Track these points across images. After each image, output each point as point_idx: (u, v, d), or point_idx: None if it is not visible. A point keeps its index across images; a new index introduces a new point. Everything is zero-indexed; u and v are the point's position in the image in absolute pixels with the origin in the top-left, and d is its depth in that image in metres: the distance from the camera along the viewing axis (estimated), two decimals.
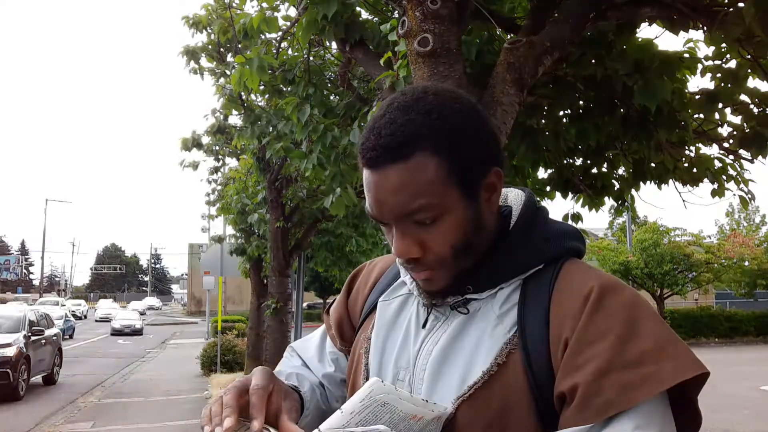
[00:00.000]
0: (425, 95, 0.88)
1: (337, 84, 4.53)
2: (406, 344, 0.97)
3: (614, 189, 4.37)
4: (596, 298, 0.83)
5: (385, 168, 0.85)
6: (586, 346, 0.80)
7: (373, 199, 0.88)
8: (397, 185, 0.85)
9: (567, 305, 0.85)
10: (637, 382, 0.76)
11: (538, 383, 0.83)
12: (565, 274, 0.89)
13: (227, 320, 21.30)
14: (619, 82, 3.33)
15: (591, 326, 0.81)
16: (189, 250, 47.37)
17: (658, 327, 0.81)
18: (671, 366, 0.77)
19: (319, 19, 3.33)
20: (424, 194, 0.84)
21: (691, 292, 24.13)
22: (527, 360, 0.84)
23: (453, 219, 0.87)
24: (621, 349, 0.78)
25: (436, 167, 0.84)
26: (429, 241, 0.88)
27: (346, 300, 1.14)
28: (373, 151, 0.86)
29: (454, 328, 0.92)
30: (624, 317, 0.81)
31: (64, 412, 10.01)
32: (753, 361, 16.82)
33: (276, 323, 8.76)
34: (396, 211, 0.86)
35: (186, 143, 8.69)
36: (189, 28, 6.52)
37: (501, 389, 0.84)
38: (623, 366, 0.77)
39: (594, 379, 0.77)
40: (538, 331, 0.85)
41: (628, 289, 0.86)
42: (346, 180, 4.00)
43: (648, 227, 22.31)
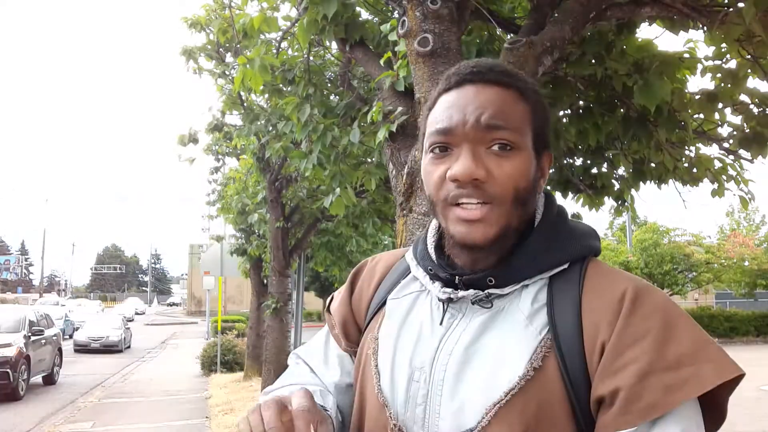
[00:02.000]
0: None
1: (337, 84, 4.53)
2: (420, 343, 0.92)
3: (614, 189, 4.37)
4: (631, 300, 0.82)
5: (484, 84, 0.89)
6: (625, 348, 0.79)
7: (460, 110, 0.88)
8: (495, 99, 0.87)
9: (600, 307, 0.84)
10: (678, 384, 0.76)
11: (574, 387, 0.82)
12: (592, 275, 0.88)
13: (227, 320, 21.32)
14: (619, 82, 3.33)
15: (628, 329, 0.80)
16: (189, 250, 47.37)
17: (693, 328, 0.81)
18: (710, 368, 0.77)
19: (319, 19, 3.33)
20: (514, 119, 0.87)
21: (691, 292, 24.15)
22: (563, 363, 0.82)
23: (523, 160, 0.87)
24: (661, 351, 0.78)
25: (524, 109, 0.89)
26: (498, 169, 0.86)
27: (350, 298, 1.10)
28: (474, 68, 0.90)
29: (478, 326, 0.89)
30: (660, 319, 0.81)
31: (64, 412, 10.01)
32: (753, 361, 16.83)
33: (276, 323, 8.76)
34: (486, 119, 0.86)
35: (182, 139, 8.68)
36: (188, 27, 6.52)
37: (538, 394, 0.82)
38: (664, 368, 0.77)
39: (636, 381, 0.77)
40: (571, 333, 0.84)
41: (658, 290, 0.86)
42: (346, 180, 4.00)
43: (648, 227, 22.32)
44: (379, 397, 0.93)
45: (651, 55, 3.30)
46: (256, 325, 12.25)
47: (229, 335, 15.45)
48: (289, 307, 9.03)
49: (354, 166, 4.33)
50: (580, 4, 2.94)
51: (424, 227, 2.58)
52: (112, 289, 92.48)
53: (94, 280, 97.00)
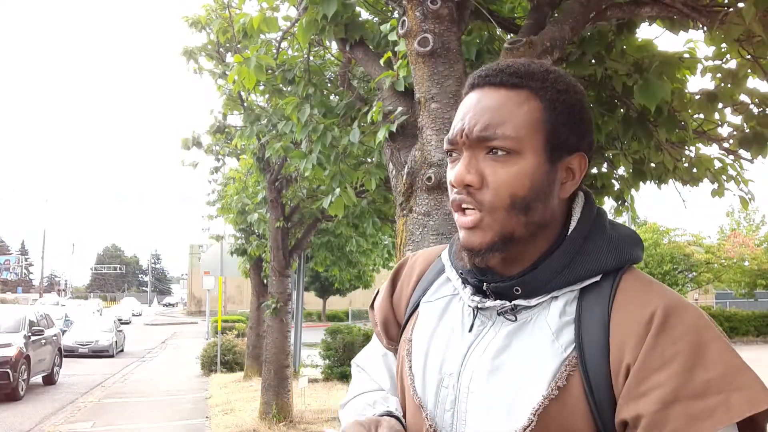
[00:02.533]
0: (548, 65, 0.92)
1: (337, 84, 4.53)
2: (450, 349, 0.92)
3: (614, 189, 4.36)
4: (661, 322, 0.79)
5: (490, 88, 0.88)
6: (651, 373, 0.77)
7: (461, 118, 0.89)
8: (493, 105, 0.86)
9: (628, 326, 0.80)
10: (704, 414, 0.73)
11: (599, 407, 0.80)
12: (625, 289, 0.84)
13: (227, 320, 21.31)
14: (619, 82, 3.33)
15: (655, 352, 0.77)
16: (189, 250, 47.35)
17: (725, 352, 0.77)
18: (740, 397, 0.74)
19: (319, 19, 3.33)
20: (512, 124, 0.85)
21: (691, 292, 24.14)
22: (588, 383, 0.80)
23: (524, 166, 0.85)
24: (687, 378, 0.75)
25: (535, 109, 0.86)
26: (492, 176, 0.85)
27: (391, 296, 1.11)
28: (486, 72, 0.90)
29: (505, 336, 0.87)
30: (689, 342, 0.77)
31: (64, 412, 10.01)
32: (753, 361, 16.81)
33: (276, 323, 8.75)
34: (479, 129, 0.85)
35: (186, 143, 8.69)
36: (188, 27, 6.51)
37: (561, 414, 0.80)
38: (690, 396, 0.74)
39: (659, 409, 0.74)
40: (598, 351, 0.81)
41: (691, 309, 0.81)
42: (346, 180, 4.00)
43: (648, 227, 22.32)
44: (414, 399, 0.95)
45: (651, 55, 3.30)
46: (256, 325, 12.24)
47: (229, 335, 15.45)
48: (289, 307, 9.02)
49: (354, 166, 4.33)
50: (580, 4, 2.94)
51: (425, 227, 2.59)
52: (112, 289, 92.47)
53: (94, 280, 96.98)
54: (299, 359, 12.77)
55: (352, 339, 12.36)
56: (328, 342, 12.52)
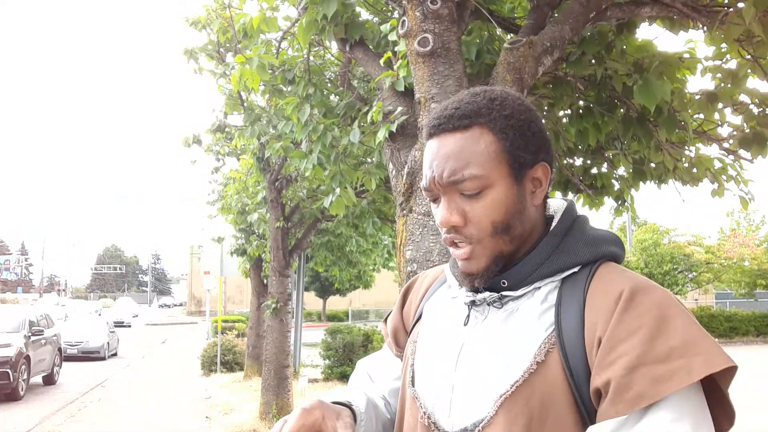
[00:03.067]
0: (492, 89, 1.01)
1: (337, 84, 4.53)
2: (449, 343, 1.02)
3: (614, 189, 4.36)
4: (627, 298, 0.87)
5: (445, 135, 0.96)
6: (618, 343, 0.85)
7: (428, 167, 0.98)
8: (453, 151, 0.94)
9: (600, 306, 0.89)
10: (666, 376, 0.80)
11: (576, 380, 0.88)
12: (599, 277, 0.94)
13: (227, 320, 21.30)
14: (619, 82, 3.33)
15: (622, 324, 0.86)
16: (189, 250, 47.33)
17: (687, 323, 0.85)
18: (700, 360, 0.81)
19: (319, 19, 3.33)
20: (474, 163, 0.93)
21: (691, 292, 24.14)
22: (565, 358, 0.89)
23: (497, 195, 0.94)
24: (651, 345, 0.83)
25: (490, 142, 0.94)
26: (471, 212, 0.95)
27: (401, 310, 1.22)
28: (438, 120, 0.98)
29: (493, 326, 0.97)
30: (654, 315, 0.85)
31: (64, 412, 10.01)
32: (753, 361, 16.82)
33: (276, 323, 8.75)
34: (446, 177, 0.94)
35: (186, 141, 8.69)
36: (189, 27, 6.51)
37: (541, 386, 0.89)
38: (653, 360, 0.82)
39: (625, 373, 0.82)
40: (574, 330, 0.90)
41: (659, 289, 0.89)
42: (346, 180, 4.00)
43: (648, 227, 22.32)
44: (410, 392, 1.05)
45: (651, 55, 3.30)
46: (256, 325, 12.24)
47: (229, 335, 15.45)
48: (289, 307, 9.02)
49: (354, 166, 4.33)
50: (580, 4, 2.94)
51: (424, 227, 2.59)
52: (112, 289, 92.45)
53: (94, 280, 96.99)
54: (299, 359, 12.77)
55: (352, 339, 12.35)
56: (328, 342, 12.51)
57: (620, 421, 0.82)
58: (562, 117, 4.05)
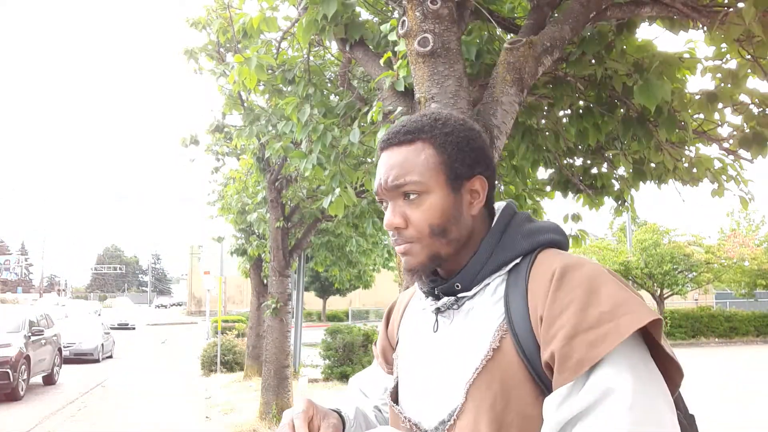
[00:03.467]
0: (440, 111, 1.13)
1: (337, 84, 4.53)
2: (423, 350, 1.13)
3: (614, 189, 4.36)
4: (558, 277, 0.97)
5: (393, 148, 1.09)
6: (555, 318, 0.94)
7: (378, 174, 1.10)
8: (398, 160, 1.07)
9: (538, 288, 0.99)
10: (600, 339, 0.89)
11: (529, 359, 0.97)
12: (537, 263, 1.03)
13: (227, 320, 21.29)
14: (619, 81, 3.33)
15: (556, 301, 0.95)
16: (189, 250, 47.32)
17: (614, 290, 0.93)
18: (627, 319, 0.89)
19: (319, 19, 3.33)
20: (416, 171, 1.05)
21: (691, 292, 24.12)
22: (517, 341, 0.98)
23: (434, 201, 1.06)
24: (583, 315, 0.91)
25: (431, 154, 1.06)
26: (412, 215, 1.06)
27: (386, 330, 1.32)
28: (387, 136, 1.11)
29: (454, 327, 1.08)
30: (583, 288, 0.94)
31: (64, 412, 10.02)
32: (753, 361, 16.82)
33: (276, 323, 8.75)
34: (390, 182, 1.07)
35: (184, 141, 8.68)
36: (189, 27, 6.51)
37: (499, 369, 0.98)
38: (587, 328, 0.90)
39: (565, 344, 0.91)
40: (521, 314, 0.99)
41: (588, 265, 0.98)
42: (346, 180, 4.00)
43: (648, 227, 22.31)
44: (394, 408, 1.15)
45: (651, 55, 3.30)
46: (256, 325, 12.23)
47: (229, 335, 15.44)
48: (289, 307, 9.02)
49: (354, 166, 4.32)
50: (580, 4, 2.94)
51: None
52: (112, 289, 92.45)
53: (94, 280, 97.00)
54: (299, 359, 12.77)
55: (352, 339, 12.35)
56: (328, 342, 12.51)
57: (569, 387, 0.90)
58: (562, 117, 4.05)
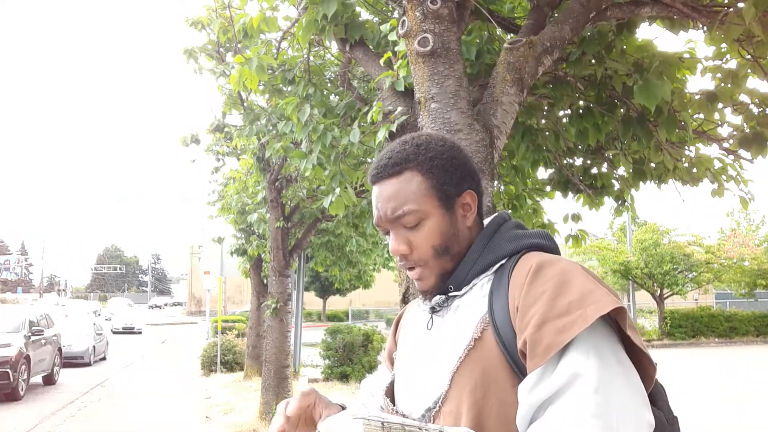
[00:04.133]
0: (419, 135, 1.21)
1: (337, 84, 4.52)
2: (418, 346, 1.21)
3: (614, 189, 4.36)
4: (534, 271, 1.04)
5: (383, 182, 1.16)
6: (528, 308, 1.01)
7: (375, 209, 1.17)
8: (390, 194, 1.15)
9: (517, 282, 1.07)
10: (568, 326, 0.96)
11: (507, 348, 1.04)
12: (520, 262, 1.10)
13: (227, 320, 21.28)
14: (619, 82, 3.33)
15: (530, 292, 1.02)
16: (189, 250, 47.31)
17: (584, 282, 1.01)
18: (593, 307, 0.96)
19: (319, 19, 3.33)
20: (410, 201, 1.13)
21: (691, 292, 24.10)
22: (497, 332, 1.06)
23: (432, 224, 1.14)
24: (553, 304, 0.99)
25: (420, 182, 1.14)
26: (414, 241, 1.15)
27: (395, 335, 1.39)
28: (377, 170, 1.18)
29: (446, 323, 1.16)
30: (555, 281, 1.01)
31: (64, 412, 10.01)
32: (753, 361, 16.81)
33: (276, 323, 8.75)
34: (389, 215, 1.14)
35: (185, 140, 8.67)
36: (189, 27, 6.51)
37: (480, 358, 1.06)
38: (556, 316, 0.97)
39: (535, 330, 0.98)
40: (502, 308, 1.07)
41: (563, 261, 1.06)
42: (346, 180, 4.00)
43: (648, 227, 22.30)
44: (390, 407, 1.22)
45: (651, 55, 3.30)
46: (256, 325, 12.23)
47: (229, 335, 15.44)
48: (289, 307, 9.01)
49: (354, 166, 4.33)
50: (580, 4, 2.94)
51: None
52: (112, 289, 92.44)
53: (94, 280, 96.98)
54: (299, 359, 12.77)
55: (352, 339, 12.35)
56: (328, 342, 12.51)
57: (539, 372, 0.96)
58: (562, 117, 4.05)
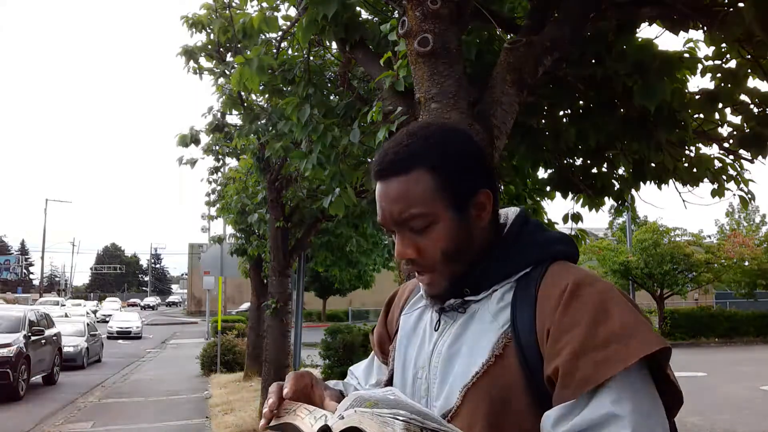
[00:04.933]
0: (428, 126, 1.08)
1: (337, 84, 4.53)
2: (422, 347, 1.11)
3: (614, 189, 4.36)
4: (571, 291, 0.95)
5: (389, 180, 1.04)
6: (563, 333, 0.92)
7: (379, 207, 1.06)
8: (396, 194, 1.03)
9: (548, 300, 0.97)
10: (606, 360, 0.87)
11: (531, 370, 0.95)
12: (549, 275, 1.01)
13: (227, 320, 21.28)
14: (619, 82, 3.33)
15: (566, 316, 0.93)
16: (189, 250, 47.30)
17: (625, 312, 0.92)
18: (636, 343, 0.88)
19: (319, 19, 3.33)
20: (418, 203, 1.02)
21: (691, 292, 24.11)
22: (520, 350, 0.96)
23: (443, 227, 1.03)
24: (592, 333, 0.90)
25: (429, 181, 1.02)
26: (423, 245, 1.04)
27: (385, 319, 1.30)
28: (380, 165, 1.05)
29: (458, 328, 1.06)
30: (594, 305, 0.93)
31: (64, 412, 10.02)
32: (753, 361, 16.82)
33: (276, 323, 8.74)
34: (395, 217, 1.04)
35: (184, 139, 8.64)
36: (188, 28, 6.50)
37: (499, 377, 0.97)
38: (594, 347, 0.89)
39: (570, 360, 0.89)
40: (528, 325, 0.97)
41: (601, 282, 0.97)
42: (346, 180, 4.00)
43: (648, 227, 22.31)
44: None
45: (651, 56, 3.30)
46: (256, 325, 12.23)
47: (229, 335, 15.44)
48: (289, 307, 9.01)
49: (354, 166, 4.32)
50: (581, 4, 2.94)
51: None
52: (112, 289, 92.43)
53: (94, 280, 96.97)
54: (299, 359, 12.76)
55: (352, 339, 12.34)
56: (328, 342, 12.50)
57: (570, 406, 0.89)
58: (562, 117, 4.05)
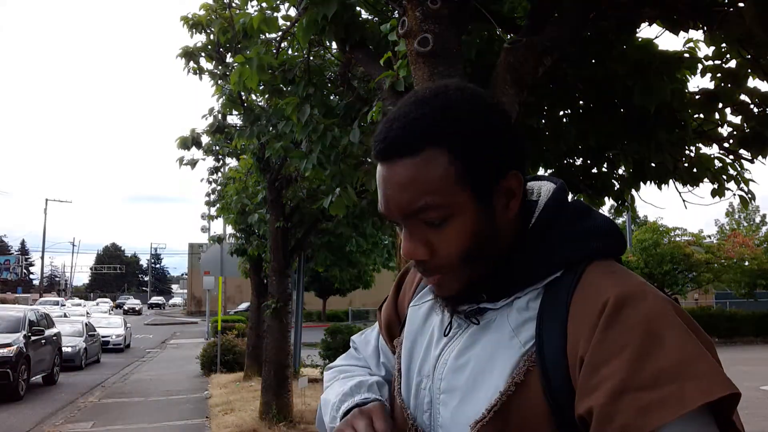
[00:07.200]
0: (446, 91, 0.84)
1: (337, 84, 4.53)
2: (428, 351, 0.93)
3: (614, 189, 4.36)
4: (612, 311, 0.74)
5: (393, 161, 0.81)
6: (601, 365, 0.73)
7: (381, 194, 0.84)
8: (404, 180, 0.80)
9: (583, 319, 0.77)
10: (655, 405, 0.68)
11: (558, 404, 0.77)
12: (584, 282, 0.80)
13: (227, 320, 21.28)
14: (619, 82, 3.33)
15: (605, 343, 0.73)
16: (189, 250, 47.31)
17: (682, 340, 0.72)
18: (695, 386, 0.68)
19: (319, 19, 3.33)
20: (431, 192, 0.79)
21: (691, 292, 24.14)
22: (546, 379, 0.78)
23: (463, 222, 0.81)
24: (637, 367, 0.70)
25: (447, 165, 0.80)
26: (437, 243, 0.83)
27: (395, 300, 1.11)
28: (382, 143, 0.83)
29: (468, 337, 0.87)
30: (642, 331, 0.72)
31: (64, 412, 10.02)
32: (753, 361, 16.82)
33: (276, 323, 8.75)
34: (402, 208, 0.82)
35: (185, 142, 8.64)
36: (188, 29, 6.50)
37: (519, 411, 0.79)
38: (639, 386, 0.69)
39: (608, 401, 0.70)
40: (557, 347, 0.78)
41: (651, 298, 0.76)
42: (346, 180, 4.00)
43: (648, 227, 22.33)
44: (398, 398, 0.97)
45: (651, 56, 3.30)
46: (256, 325, 12.23)
47: (229, 335, 15.44)
48: (289, 307, 9.01)
49: (354, 166, 4.32)
50: (580, 4, 2.94)
51: None
52: (112, 289, 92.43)
53: (94, 280, 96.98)
54: (299, 359, 12.77)
55: None
56: (328, 342, 12.51)
57: None
58: (562, 117, 4.05)
